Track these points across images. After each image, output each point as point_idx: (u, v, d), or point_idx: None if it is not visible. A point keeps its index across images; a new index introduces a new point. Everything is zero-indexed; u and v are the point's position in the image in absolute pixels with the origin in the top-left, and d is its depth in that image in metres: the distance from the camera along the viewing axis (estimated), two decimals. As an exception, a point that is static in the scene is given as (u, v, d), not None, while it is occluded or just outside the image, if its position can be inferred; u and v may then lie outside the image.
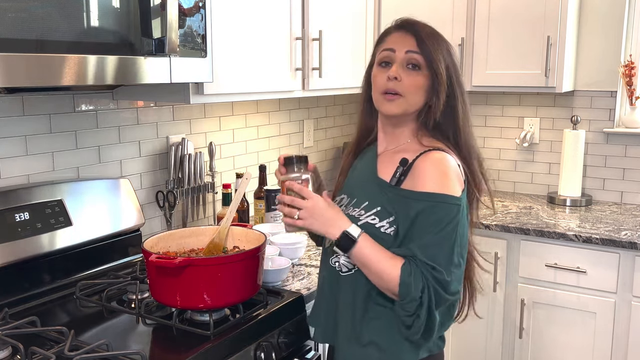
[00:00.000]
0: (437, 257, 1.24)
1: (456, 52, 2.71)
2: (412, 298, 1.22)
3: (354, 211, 1.36)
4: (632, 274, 2.29)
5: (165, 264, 1.37)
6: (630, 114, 2.81)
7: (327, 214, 1.30)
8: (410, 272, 1.23)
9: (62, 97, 1.77)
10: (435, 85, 1.31)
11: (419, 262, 1.24)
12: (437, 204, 1.25)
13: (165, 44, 1.42)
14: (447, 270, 1.24)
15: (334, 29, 2.24)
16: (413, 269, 1.23)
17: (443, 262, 1.24)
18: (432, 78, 1.31)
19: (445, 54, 1.33)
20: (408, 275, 1.23)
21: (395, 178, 1.32)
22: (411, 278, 1.22)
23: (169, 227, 2.07)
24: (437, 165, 1.28)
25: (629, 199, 2.86)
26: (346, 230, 1.28)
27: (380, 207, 1.31)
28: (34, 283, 1.61)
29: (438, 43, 1.33)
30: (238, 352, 1.41)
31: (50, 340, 1.35)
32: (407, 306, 1.24)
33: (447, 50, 1.34)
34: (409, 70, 1.32)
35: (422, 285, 1.22)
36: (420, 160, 1.29)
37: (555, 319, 2.45)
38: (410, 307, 1.23)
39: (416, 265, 1.24)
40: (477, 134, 3.17)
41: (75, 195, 1.73)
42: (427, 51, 1.31)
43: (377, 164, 1.39)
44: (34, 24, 1.19)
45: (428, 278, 1.23)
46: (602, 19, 2.80)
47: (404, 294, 1.23)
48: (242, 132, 2.45)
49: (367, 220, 1.32)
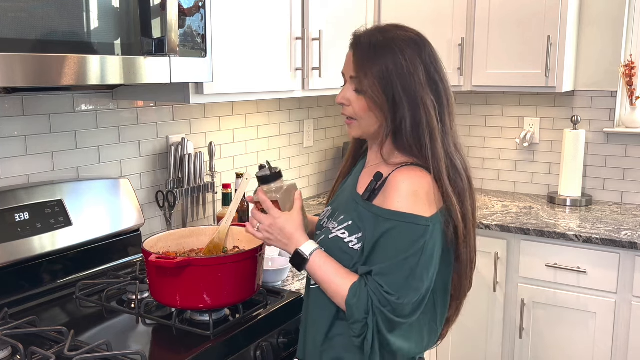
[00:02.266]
0: (392, 279, 1.18)
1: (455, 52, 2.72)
2: (355, 319, 1.19)
3: (331, 224, 1.34)
4: (632, 274, 2.29)
5: (165, 264, 1.37)
6: (631, 114, 2.81)
7: (285, 230, 1.31)
8: (356, 293, 1.19)
9: (62, 97, 1.77)
10: (385, 101, 1.22)
11: (371, 282, 1.19)
12: (403, 224, 1.19)
13: (165, 43, 1.42)
14: (400, 292, 1.18)
15: (334, 29, 2.24)
16: (360, 289, 1.19)
17: (397, 285, 1.18)
18: (378, 97, 1.23)
19: (388, 65, 1.21)
20: (353, 296, 1.19)
21: (367, 192, 1.27)
22: (355, 299, 1.19)
23: (169, 227, 2.07)
24: (407, 182, 1.20)
25: (629, 199, 2.86)
26: (298, 248, 1.28)
27: (351, 222, 1.28)
28: (34, 283, 1.61)
29: (378, 56, 1.22)
30: (238, 352, 1.41)
31: (50, 340, 1.35)
32: (353, 327, 1.21)
33: (395, 60, 1.21)
34: (357, 94, 1.26)
35: (367, 307, 1.18)
36: (393, 176, 1.23)
37: (555, 319, 2.45)
38: (355, 329, 1.20)
39: (365, 285, 1.20)
40: (477, 134, 3.18)
41: (75, 195, 1.73)
42: (363, 73, 1.23)
43: (359, 177, 1.36)
44: (34, 24, 1.19)
45: (373, 300, 1.18)
46: (602, 19, 2.80)
47: (349, 315, 1.21)
48: (242, 132, 2.45)
49: (337, 234, 1.30)
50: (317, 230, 1.40)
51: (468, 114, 3.18)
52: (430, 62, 1.25)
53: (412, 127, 1.22)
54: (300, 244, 1.29)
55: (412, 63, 1.22)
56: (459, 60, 2.74)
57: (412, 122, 1.22)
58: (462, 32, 2.72)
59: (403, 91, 1.21)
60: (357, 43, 1.27)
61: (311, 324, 1.37)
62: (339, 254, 1.28)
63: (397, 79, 1.21)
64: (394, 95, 1.21)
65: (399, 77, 1.21)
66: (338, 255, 1.28)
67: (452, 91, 1.31)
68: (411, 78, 1.21)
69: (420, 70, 1.22)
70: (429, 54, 1.25)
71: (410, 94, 1.21)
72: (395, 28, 1.29)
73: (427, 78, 1.23)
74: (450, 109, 1.27)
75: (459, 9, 2.71)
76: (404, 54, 1.22)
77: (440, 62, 1.27)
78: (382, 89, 1.22)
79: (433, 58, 1.26)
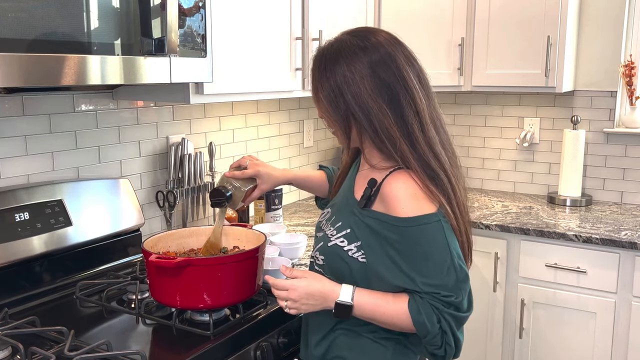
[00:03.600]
0: (440, 281, 1.19)
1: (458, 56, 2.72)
2: (433, 334, 1.20)
3: (328, 229, 1.34)
4: (632, 274, 2.29)
5: (165, 264, 1.37)
6: (630, 114, 2.81)
7: (313, 293, 1.26)
8: (419, 310, 1.19)
9: (62, 97, 1.77)
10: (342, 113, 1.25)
11: (423, 294, 1.20)
12: (418, 227, 1.19)
13: (165, 44, 1.42)
14: (454, 291, 1.20)
15: (334, 29, 2.23)
16: (419, 304, 1.20)
17: (448, 285, 1.19)
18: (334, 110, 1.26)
19: (336, 80, 1.22)
20: (417, 313, 1.19)
21: (363, 200, 1.26)
22: (422, 316, 1.19)
23: (169, 227, 2.07)
24: (400, 187, 1.21)
25: (629, 199, 2.86)
26: (337, 300, 1.24)
27: (349, 230, 1.28)
28: (34, 283, 1.61)
29: (321, 70, 1.25)
30: (238, 352, 1.41)
31: (50, 340, 1.35)
32: (432, 341, 1.21)
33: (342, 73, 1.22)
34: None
35: (437, 317, 1.19)
36: (387, 183, 1.23)
37: (555, 319, 2.45)
38: (435, 342, 1.21)
39: (421, 299, 1.20)
40: (477, 134, 3.18)
41: (75, 195, 1.73)
42: (315, 91, 1.28)
43: (355, 180, 1.36)
44: (34, 24, 1.19)
45: (438, 307, 1.19)
46: (602, 19, 2.80)
47: (423, 332, 1.20)
48: (242, 132, 2.45)
49: (336, 242, 1.29)
50: (317, 232, 1.41)
51: (468, 114, 3.18)
52: (384, 67, 1.22)
53: (372, 134, 1.23)
54: (337, 295, 1.25)
55: (358, 72, 1.21)
56: (459, 60, 2.74)
57: (371, 129, 1.23)
58: (462, 32, 2.72)
59: (354, 102, 1.22)
60: (313, 63, 1.29)
61: (313, 324, 1.37)
62: (338, 262, 1.28)
63: (347, 92, 1.22)
64: (346, 108, 1.23)
65: (348, 88, 1.22)
66: (337, 262, 1.29)
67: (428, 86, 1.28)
68: (357, 87, 1.21)
69: (368, 77, 1.21)
70: (382, 57, 1.23)
71: (360, 103, 1.21)
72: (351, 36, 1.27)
73: (378, 84, 1.21)
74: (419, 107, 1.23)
75: (459, 9, 2.71)
76: (350, 65, 1.22)
77: (401, 64, 1.23)
78: (333, 108, 1.25)
79: (390, 61, 1.23)
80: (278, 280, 1.31)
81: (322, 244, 1.34)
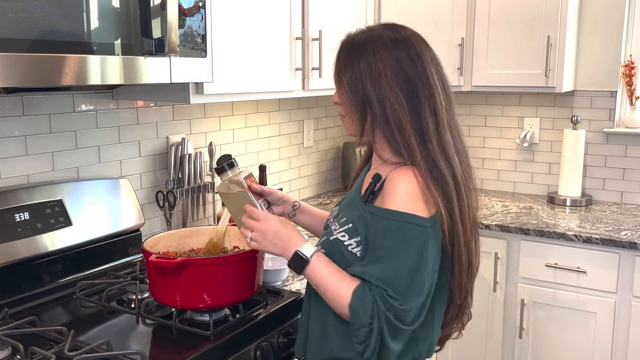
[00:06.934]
0: (395, 281, 1.15)
1: (455, 54, 2.72)
2: (360, 324, 1.16)
3: (334, 224, 1.33)
4: (632, 274, 2.29)
5: (165, 264, 1.37)
6: (630, 114, 2.81)
7: (280, 234, 1.29)
8: (360, 297, 1.16)
9: (62, 97, 1.77)
10: (361, 103, 1.24)
11: (374, 287, 1.16)
12: (402, 224, 1.16)
13: (165, 44, 1.42)
14: (403, 297, 1.15)
15: (334, 28, 2.24)
16: (365, 293, 1.16)
17: (400, 288, 1.15)
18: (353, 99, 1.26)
19: (360, 66, 1.23)
20: (357, 299, 1.17)
21: (366, 195, 1.26)
22: (360, 302, 1.16)
23: (169, 227, 2.07)
24: (402, 182, 1.19)
25: (629, 199, 2.86)
26: (298, 250, 1.25)
27: (351, 224, 1.27)
28: (34, 283, 1.61)
29: (350, 60, 1.26)
30: (238, 352, 1.41)
31: (50, 340, 1.35)
32: (357, 332, 1.17)
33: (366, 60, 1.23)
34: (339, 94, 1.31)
35: (372, 312, 1.15)
36: (390, 177, 1.22)
37: (555, 319, 2.45)
38: (360, 334, 1.17)
39: (369, 289, 1.17)
40: (477, 134, 3.18)
41: (75, 195, 1.73)
42: (337, 77, 1.29)
43: (365, 179, 1.35)
44: (34, 24, 1.19)
45: (379, 304, 1.15)
46: (602, 19, 2.80)
47: (353, 319, 1.17)
48: (242, 132, 2.45)
49: (337, 236, 1.28)
50: (324, 230, 1.40)
51: (468, 114, 3.19)
52: (410, 61, 1.23)
53: (383, 122, 1.23)
54: (300, 246, 1.26)
55: (383, 61, 1.22)
56: (459, 60, 2.74)
57: (382, 118, 1.22)
58: (462, 32, 2.72)
59: (372, 88, 1.22)
60: (340, 47, 1.30)
61: (313, 323, 1.36)
62: (338, 256, 1.27)
63: (367, 78, 1.22)
64: (364, 94, 1.23)
65: (369, 77, 1.22)
66: (337, 257, 1.27)
67: (451, 93, 1.28)
68: (379, 75, 1.22)
69: (392, 68, 1.22)
70: (409, 52, 1.23)
71: (377, 90, 1.22)
72: (383, 28, 1.29)
73: (400, 75, 1.22)
74: (438, 108, 1.23)
75: (459, 9, 2.71)
76: (376, 53, 1.23)
77: (427, 63, 1.24)
78: (352, 93, 1.25)
79: (417, 57, 1.24)
80: (255, 209, 1.34)
81: (324, 238, 1.33)
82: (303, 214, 1.57)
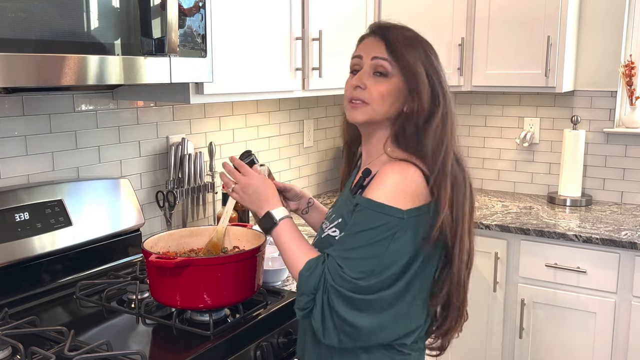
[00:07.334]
0: (355, 264, 1.16)
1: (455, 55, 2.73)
2: (302, 292, 1.20)
3: (325, 224, 1.34)
4: (632, 274, 2.29)
5: (165, 264, 1.37)
6: (630, 114, 2.81)
7: (260, 192, 1.32)
8: (310, 268, 1.20)
9: (62, 97, 1.77)
10: (412, 90, 1.23)
11: (330, 262, 1.18)
12: (372, 212, 1.17)
13: (165, 44, 1.42)
14: (360, 276, 1.15)
15: (334, 29, 2.24)
16: (317, 266, 1.20)
17: (358, 269, 1.16)
18: (406, 84, 1.23)
19: (423, 58, 1.24)
20: (307, 270, 1.20)
21: (355, 188, 1.26)
22: (308, 273, 1.20)
23: (169, 227, 2.07)
24: (394, 176, 1.18)
25: (629, 199, 2.86)
26: (270, 210, 1.30)
27: (341, 219, 1.27)
28: (34, 283, 1.61)
29: (412, 47, 1.24)
30: (238, 352, 1.41)
31: (50, 340, 1.35)
32: (299, 299, 1.21)
33: (427, 55, 1.25)
34: (375, 78, 1.25)
35: (317, 284, 1.18)
36: (385, 168, 1.21)
37: (555, 319, 2.45)
38: (300, 301, 1.21)
39: (322, 262, 1.20)
40: (477, 134, 3.18)
41: (75, 195, 1.73)
42: (397, 56, 1.23)
43: (355, 178, 1.35)
44: (34, 24, 1.19)
45: (327, 279, 1.17)
46: (602, 19, 2.80)
47: (298, 286, 1.21)
48: (242, 132, 2.45)
49: (329, 232, 1.29)
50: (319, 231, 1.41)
51: (468, 114, 3.19)
52: (437, 61, 1.28)
53: (429, 127, 1.22)
54: (273, 208, 1.30)
55: (437, 61, 1.27)
56: (459, 61, 2.74)
57: (434, 123, 1.22)
58: (462, 32, 2.72)
59: (441, 87, 1.24)
60: (384, 28, 1.29)
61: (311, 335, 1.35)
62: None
63: (435, 74, 1.25)
64: (434, 85, 1.24)
65: (436, 73, 1.25)
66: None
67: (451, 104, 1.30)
68: (443, 78, 1.26)
69: (442, 71, 1.27)
70: (434, 53, 1.29)
71: (444, 94, 1.25)
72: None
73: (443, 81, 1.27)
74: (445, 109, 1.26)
75: (458, 9, 2.71)
76: (431, 51, 1.27)
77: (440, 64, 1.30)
78: (426, 74, 1.24)
79: (437, 60, 1.29)
80: (245, 165, 1.38)
81: (317, 238, 1.36)
82: (315, 212, 1.58)
